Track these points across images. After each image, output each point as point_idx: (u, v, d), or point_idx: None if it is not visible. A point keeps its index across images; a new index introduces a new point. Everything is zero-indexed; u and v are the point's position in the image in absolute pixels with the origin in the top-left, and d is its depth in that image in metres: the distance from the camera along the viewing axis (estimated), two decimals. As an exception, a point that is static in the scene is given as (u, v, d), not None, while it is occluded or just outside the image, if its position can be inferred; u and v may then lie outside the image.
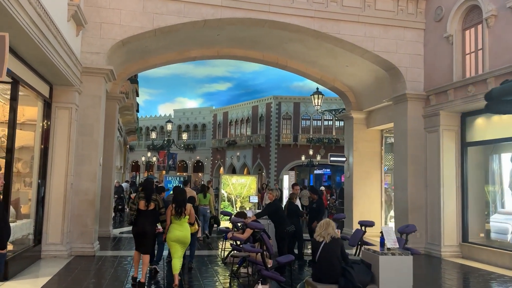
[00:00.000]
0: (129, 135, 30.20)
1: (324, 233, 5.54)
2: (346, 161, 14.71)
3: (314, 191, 9.51)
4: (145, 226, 6.86)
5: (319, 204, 9.30)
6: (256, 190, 14.10)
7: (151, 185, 7.28)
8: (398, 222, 11.56)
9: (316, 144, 38.05)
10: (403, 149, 11.47)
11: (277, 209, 7.99)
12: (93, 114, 9.84)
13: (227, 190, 13.78)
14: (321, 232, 5.59)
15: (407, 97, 11.33)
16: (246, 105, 44.07)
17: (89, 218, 9.64)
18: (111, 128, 12.78)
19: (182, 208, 6.76)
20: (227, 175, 14.03)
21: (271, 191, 8.15)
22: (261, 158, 40.72)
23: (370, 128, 14.54)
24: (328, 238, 5.49)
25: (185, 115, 50.24)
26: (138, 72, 14.12)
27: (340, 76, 14.18)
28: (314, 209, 9.29)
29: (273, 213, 7.96)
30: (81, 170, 9.64)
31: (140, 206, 6.92)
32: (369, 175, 14.44)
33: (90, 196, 9.68)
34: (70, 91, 9.38)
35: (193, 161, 50.57)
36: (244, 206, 13.82)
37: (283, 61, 14.01)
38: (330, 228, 5.58)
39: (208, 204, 12.36)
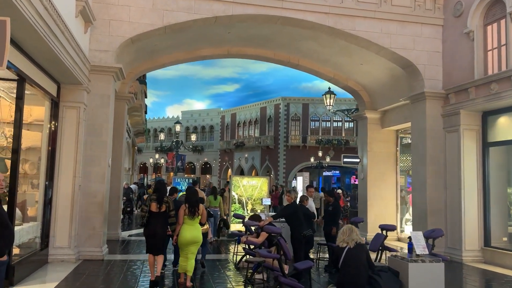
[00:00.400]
0: (137, 137, 30.01)
1: (348, 239, 5.18)
2: (360, 162, 14.30)
3: (330, 193, 9.12)
4: (156, 228, 6.92)
5: (336, 207, 8.92)
6: (268, 192, 13.73)
7: (163, 187, 7.27)
8: (417, 226, 11.14)
9: (326, 146, 37.61)
10: (421, 149, 11.05)
11: (294, 211, 7.64)
12: (102, 113, 9.57)
13: (238, 192, 13.43)
14: (344, 238, 5.22)
15: (425, 96, 10.92)
16: (254, 106, 43.75)
17: (97, 221, 9.35)
18: (120, 129, 12.52)
19: (196, 208, 6.82)
20: (238, 177, 13.68)
21: (289, 193, 7.78)
22: (269, 159, 40.35)
23: (385, 128, 14.12)
24: (352, 243, 5.12)
25: (192, 116, 50.04)
26: (147, 71, 13.85)
27: (353, 74, 13.80)
28: (330, 212, 8.90)
29: (290, 215, 7.60)
30: (89, 172, 9.36)
31: (151, 208, 6.96)
32: (384, 177, 14.02)
33: (99, 198, 9.40)
34: (78, 90, 9.12)
35: (201, 163, 50.32)
36: (255, 209, 13.47)
37: (295, 60, 13.66)
38: (354, 234, 5.22)
39: (218, 206, 12.36)
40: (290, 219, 7.68)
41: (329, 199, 9.06)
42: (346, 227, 5.33)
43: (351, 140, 38.48)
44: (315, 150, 37.02)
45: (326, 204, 9.30)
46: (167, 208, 6.97)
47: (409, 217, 14.25)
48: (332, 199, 9.03)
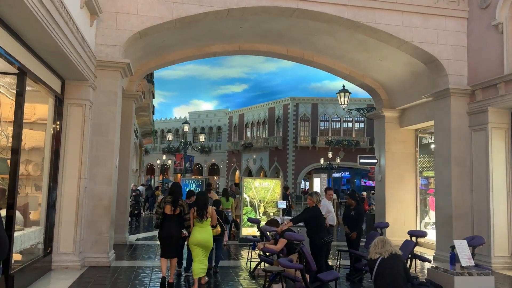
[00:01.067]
0: (144, 138, 29.59)
1: (381, 250, 4.60)
2: (377, 163, 13.67)
3: (352, 196, 8.50)
4: (171, 230, 6.88)
5: (358, 211, 8.31)
6: (281, 194, 13.15)
7: (179, 189, 7.19)
8: (441, 231, 10.51)
9: (336, 147, 36.96)
10: (446, 149, 10.42)
11: (316, 215, 7.06)
12: (108, 112, 9.06)
13: (249, 194, 12.87)
14: (376, 251, 4.65)
15: (450, 92, 10.29)
16: (262, 106, 43.18)
17: (104, 225, 8.84)
18: (127, 128, 12.02)
19: (204, 211, 6.76)
20: (250, 178, 13.11)
21: (311, 196, 7.19)
22: (278, 161, 39.75)
23: (403, 128, 13.49)
24: (386, 254, 4.54)
25: (200, 117, 49.56)
26: (156, 69, 13.34)
27: (370, 71, 13.19)
28: (352, 217, 8.29)
29: (311, 219, 7.03)
30: (95, 173, 8.86)
31: (166, 211, 6.92)
32: (402, 179, 13.38)
33: (105, 201, 8.89)
34: (84, 87, 8.61)
35: (209, 164, 49.83)
36: (268, 211, 12.90)
37: (309, 56, 13.09)
38: (387, 245, 4.65)
39: (230, 208, 12.00)
40: (310, 224, 7.11)
41: (351, 203, 8.46)
42: (378, 239, 4.75)
43: (362, 141, 37.79)
44: (325, 151, 36.38)
45: (347, 207, 8.68)
46: (181, 211, 6.90)
47: (428, 220, 13.61)
48: (354, 203, 8.44)
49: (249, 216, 12.71)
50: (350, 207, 8.55)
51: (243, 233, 12.66)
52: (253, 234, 12.64)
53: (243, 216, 12.74)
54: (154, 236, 14.18)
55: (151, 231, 15.76)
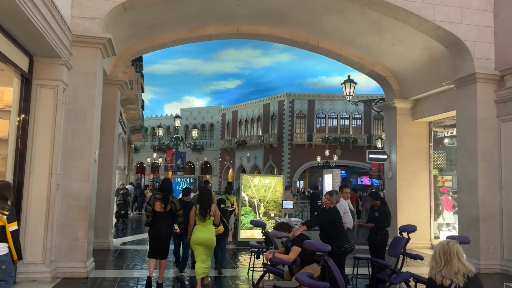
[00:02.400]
0: (133, 134, 28.09)
1: (450, 272, 3.17)
2: (387, 159, 12.49)
3: (376, 196, 7.30)
4: (161, 228, 6.68)
5: (383, 212, 7.10)
6: (283, 193, 11.91)
7: (169, 186, 6.98)
8: (465, 234, 9.32)
9: (332, 144, 35.81)
10: (471, 142, 9.25)
11: (335, 218, 5.84)
12: (86, 96, 7.74)
13: (248, 193, 11.60)
14: (442, 270, 3.21)
15: (476, 78, 9.12)
16: (256, 103, 41.89)
17: (80, 229, 7.51)
18: (111, 118, 10.71)
19: (207, 209, 6.50)
20: (249, 176, 11.84)
21: (330, 195, 5.96)
22: (273, 159, 38.50)
23: (416, 120, 12.32)
24: (461, 280, 3.16)
25: (192, 114, 48.08)
26: (144, 52, 12.00)
27: (382, 58, 11.99)
28: (376, 219, 7.08)
29: (330, 223, 5.80)
30: (70, 168, 7.53)
31: (156, 208, 6.70)
32: (415, 176, 12.21)
33: (82, 200, 7.56)
34: (56, 65, 7.28)
35: (201, 163, 48.42)
36: (269, 212, 11.65)
37: (314, 41, 11.85)
38: (458, 263, 3.20)
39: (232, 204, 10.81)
40: (328, 229, 5.88)
41: (375, 203, 7.25)
42: (441, 247, 3.29)
43: (359, 138, 36.69)
44: (321, 148, 35.23)
45: (371, 209, 7.47)
46: (173, 208, 6.72)
47: (442, 221, 12.48)
48: (378, 203, 7.22)
49: (248, 217, 11.45)
50: (374, 208, 7.35)
51: (242, 235, 11.40)
52: (252, 237, 11.41)
53: (241, 217, 11.48)
54: (143, 239, 12.85)
55: (139, 233, 14.43)
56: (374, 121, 37.29)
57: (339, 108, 37.58)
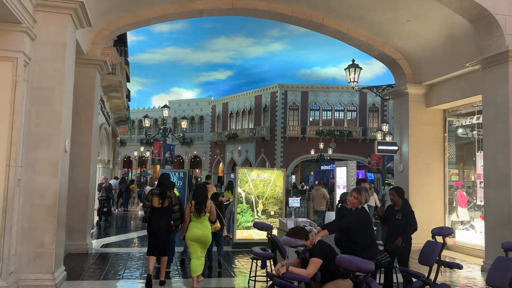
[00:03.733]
0: (119, 126, 26.62)
1: None
2: (398, 150, 11.36)
3: (400, 192, 6.06)
4: (160, 225, 6.55)
5: (408, 214, 5.86)
6: (284, 189, 10.69)
7: (167, 181, 6.90)
8: (492, 235, 8.25)
9: (327, 137, 34.69)
10: (502, 130, 8.13)
11: (365, 222, 4.64)
12: (53, 71, 6.39)
13: (245, 188, 10.35)
14: None
15: (508, 57, 7.98)
16: (248, 94, 40.51)
17: (47, 233, 6.21)
18: (89, 103, 9.38)
19: (203, 205, 6.32)
20: (246, 169, 10.60)
21: (358, 192, 4.71)
22: (265, 152, 37.26)
23: (430, 108, 11.20)
24: None
25: (181, 106, 46.47)
26: (127, 29, 10.64)
27: (393, 38, 10.81)
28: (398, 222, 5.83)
29: (359, 228, 4.61)
30: (34, 159, 6.21)
31: (153, 203, 6.58)
32: (429, 169, 11.12)
33: (49, 198, 6.24)
34: (14, 33, 5.92)
35: (190, 156, 46.95)
36: (268, 210, 10.43)
37: (318, 18, 10.63)
38: None
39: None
40: (357, 235, 4.68)
41: (396, 201, 6.03)
42: None
43: (354, 131, 35.63)
44: (315, 142, 34.11)
45: (390, 208, 6.21)
46: (169, 203, 6.57)
47: (456, 219, 11.41)
48: (400, 201, 6.02)
49: (244, 215, 10.23)
50: (394, 207, 6.12)
51: (238, 236, 10.18)
52: (250, 238, 10.21)
53: (238, 216, 10.24)
54: (128, 240, 11.56)
55: (125, 233, 13.13)
56: (369, 113, 36.29)
57: (334, 100, 36.46)
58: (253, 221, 10.30)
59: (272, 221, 10.41)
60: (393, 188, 6.34)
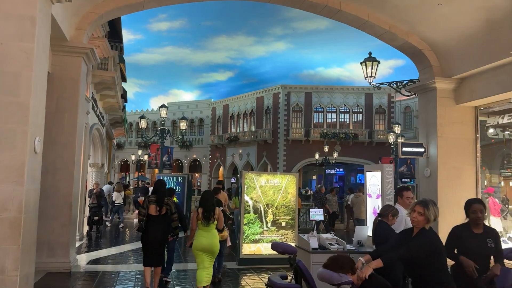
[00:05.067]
0: (114, 128, 25.38)
1: None
2: (424, 153, 10.08)
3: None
4: (157, 234, 6.25)
5: (495, 236, 4.41)
6: (296, 195, 9.40)
7: (163, 187, 6.54)
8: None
9: (331, 140, 33.38)
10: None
11: (438, 249, 3.37)
12: (19, 53, 5.13)
13: (253, 195, 9.06)
14: None
15: None
16: (249, 96, 39.22)
17: (9, 255, 4.94)
18: (73, 97, 8.12)
19: (211, 212, 6.03)
20: (253, 174, 9.33)
21: (424, 206, 3.33)
22: (267, 156, 35.96)
23: (460, 105, 9.94)
24: None
25: (180, 109, 45.12)
26: (118, 14, 9.38)
27: (420, 25, 9.56)
28: (490, 251, 4.34)
29: (430, 256, 3.33)
30: (-7, 161, 4.92)
31: (150, 211, 6.28)
32: (459, 173, 9.84)
33: (12, 211, 4.97)
34: (-34, 0, 4.65)
35: (189, 160, 45.61)
36: (279, 221, 9.13)
37: (335, 3, 9.40)
38: None
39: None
40: (426, 265, 3.39)
41: (482, 219, 4.48)
42: None
43: (360, 133, 34.34)
44: (320, 145, 32.80)
45: (467, 230, 4.48)
46: (168, 211, 6.36)
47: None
48: (482, 218, 4.49)
49: (252, 227, 8.94)
50: (472, 228, 4.45)
51: (245, 251, 8.88)
52: (258, 253, 8.92)
53: (244, 227, 8.94)
54: (120, 255, 10.26)
55: (118, 244, 11.85)
56: (375, 115, 35.01)
57: (338, 102, 35.19)
58: (262, 233, 9.04)
59: (283, 233, 9.14)
60: (477, 201, 4.94)
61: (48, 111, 7.89)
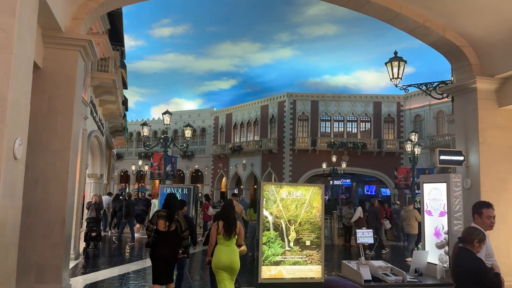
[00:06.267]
0: (114, 136, 24.32)
1: None
2: (464, 161, 8.97)
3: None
4: (165, 251, 5.98)
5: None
6: (322, 210, 8.25)
7: (174, 201, 6.24)
8: None
9: (339, 150, 32.29)
10: None
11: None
12: (-4, 32, 4.05)
13: (273, 210, 7.92)
14: None
15: None
16: (253, 104, 38.21)
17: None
18: (68, 97, 7.04)
19: (233, 226, 5.78)
20: (273, 185, 8.18)
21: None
22: (272, 166, 34.84)
23: (503, 107, 8.86)
24: None
25: (181, 118, 44.08)
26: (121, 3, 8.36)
27: (459, 18, 8.53)
28: None
29: None
30: (-41, 170, 3.81)
31: (159, 227, 6.01)
32: (504, 185, 8.72)
33: (-17, 234, 3.83)
34: None
35: (191, 171, 44.43)
36: (303, 240, 7.97)
37: (364, -6, 8.37)
38: None
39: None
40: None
41: None
42: None
43: (369, 143, 33.27)
44: (327, 154, 31.71)
45: None
46: (177, 228, 6.04)
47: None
48: None
49: (272, 247, 7.79)
50: None
51: (264, 275, 7.70)
52: (280, 277, 7.75)
53: (264, 247, 7.78)
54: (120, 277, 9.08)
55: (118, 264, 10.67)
56: (384, 124, 33.96)
57: (346, 110, 34.19)
58: (284, 254, 7.88)
59: (308, 254, 7.98)
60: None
61: (39, 112, 6.86)
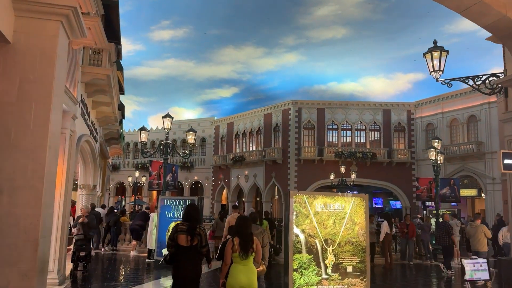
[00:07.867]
0: (110, 145, 22.65)
1: None
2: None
3: None
4: (188, 268, 5.42)
5: None
6: (366, 227, 6.61)
7: (197, 213, 5.68)
8: None
9: (347, 160, 30.70)
10: None
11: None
12: None
13: (305, 227, 6.29)
14: None
15: None
16: (256, 113, 36.66)
17: None
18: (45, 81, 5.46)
19: (250, 242, 5.35)
20: (305, 195, 6.57)
21: None
22: (276, 177, 33.15)
23: None
24: None
25: (181, 127, 42.39)
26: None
27: (528, -9, 7.04)
28: None
29: None
30: None
31: (180, 242, 5.44)
32: None
33: None
34: None
35: (190, 182, 42.63)
36: (343, 264, 6.31)
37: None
38: None
39: None
40: None
41: None
42: None
43: (378, 153, 31.70)
44: (334, 165, 30.12)
45: None
46: (198, 242, 5.45)
47: None
48: None
49: (305, 274, 6.15)
50: None
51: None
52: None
53: (294, 274, 6.11)
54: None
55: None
56: (394, 133, 32.44)
57: (354, 118, 32.69)
58: (320, 282, 6.21)
59: (350, 284, 6.32)
60: None
61: (6, 100, 5.30)
